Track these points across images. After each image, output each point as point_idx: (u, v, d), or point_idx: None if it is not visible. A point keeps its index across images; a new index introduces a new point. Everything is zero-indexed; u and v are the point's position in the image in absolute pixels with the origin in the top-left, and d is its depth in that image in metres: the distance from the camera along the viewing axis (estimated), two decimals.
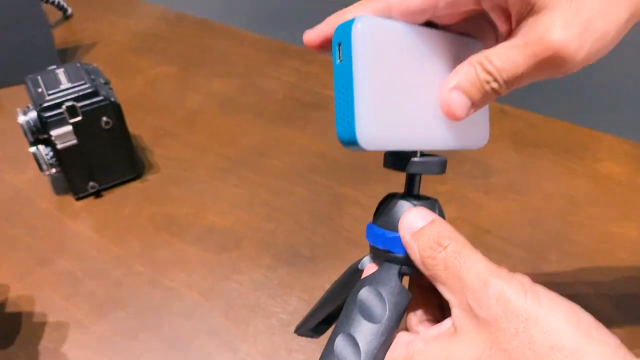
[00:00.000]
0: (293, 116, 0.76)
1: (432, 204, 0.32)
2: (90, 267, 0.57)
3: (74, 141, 0.59)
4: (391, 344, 0.30)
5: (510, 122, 0.72)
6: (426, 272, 0.29)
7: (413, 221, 0.30)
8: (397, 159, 0.31)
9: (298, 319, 0.43)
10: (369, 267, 0.33)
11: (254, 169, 0.68)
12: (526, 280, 0.27)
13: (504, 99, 0.31)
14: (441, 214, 0.32)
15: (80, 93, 0.59)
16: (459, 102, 0.29)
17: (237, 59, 0.90)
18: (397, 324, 0.31)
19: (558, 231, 0.58)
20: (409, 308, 0.32)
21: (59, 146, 0.59)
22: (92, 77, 0.62)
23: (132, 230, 0.60)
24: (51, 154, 0.60)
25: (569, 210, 0.60)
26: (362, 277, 0.33)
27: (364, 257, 0.35)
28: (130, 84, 0.85)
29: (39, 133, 0.59)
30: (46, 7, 0.99)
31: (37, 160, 0.60)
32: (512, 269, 0.28)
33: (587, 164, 0.66)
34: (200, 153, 0.71)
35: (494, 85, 0.29)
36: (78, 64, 0.63)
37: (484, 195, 0.62)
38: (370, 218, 0.33)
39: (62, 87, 0.59)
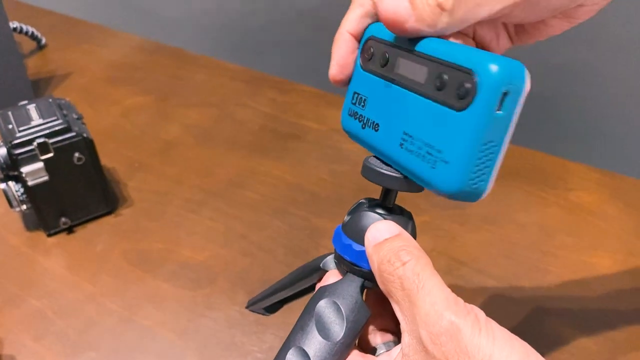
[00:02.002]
0: (270, 147, 0.76)
1: (405, 220, 0.31)
2: (62, 305, 0.56)
3: (45, 178, 0.58)
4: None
5: None
6: (382, 287, 0.28)
7: (378, 233, 0.29)
8: (373, 173, 0.30)
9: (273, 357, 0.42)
10: (331, 274, 0.33)
11: (229, 202, 0.67)
12: (482, 316, 0.26)
13: None
14: (413, 231, 0.31)
15: (52, 129, 0.58)
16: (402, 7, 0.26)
17: (213, 89, 0.90)
18: (353, 341, 0.30)
19: (532, 262, 0.58)
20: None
21: (29, 183, 0.58)
22: (65, 112, 0.62)
23: (104, 267, 0.59)
24: (22, 190, 0.59)
25: (543, 241, 0.61)
26: (322, 284, 0.32)
27: (329, 256, 0.34)
28: (105, 115, 0.84)
29: (9, 169, 0.58)
30: (19, 37, 0.99)
31: (7, 197, 0.59)
32: (487, 300, 0.28)
33: (559, 194, 0.67)
34: (175, 185, 0.70)
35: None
36: (50, 99, 0.63)
37: (459, 226, 0.63)
38: None
39: (34, 123, 0.58)
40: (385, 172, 0.29)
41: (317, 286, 0.33)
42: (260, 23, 1.14)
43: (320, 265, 0.34)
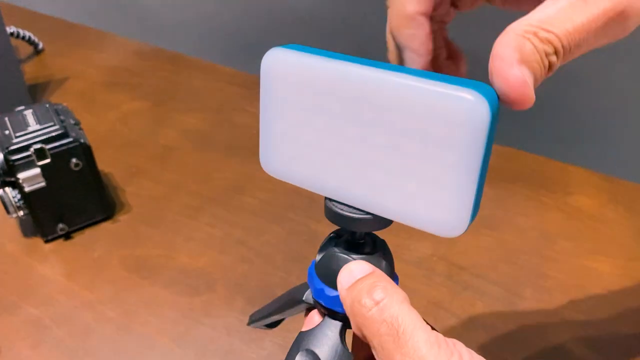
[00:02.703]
0: None
1: (377, 257, 0.28)
2: (59, 313, 0.55)
3: (42, 184, 0.58)
4: None
5: None
6: (356, 332, 0.26)
7: (349, 276, 0.27)
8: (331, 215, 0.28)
9: None
10: (311, 315, 0.31)
11: (227, 207, 0.67)
12: (465, 353, 0.24)
13: None
14: (389, 263, 0.29)
15: (49, 135, 0.58)
16: (529, 81, 0.23)
17: (211, 93, 0.90)
18: None
19: (532, 267, 0.58)
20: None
21: (26, 189, 0.57)
22: (62, 117, 0.61)
23: (102, 274, 0.59)
24: (19, 196, 0.59)
25: (543, 245, 0.61)
26: (304, 329, 0.31)
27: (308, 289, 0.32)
28: (102, 120, 0.84)
29: (6, 175, 0.57)
30: (16, 42, 0.98)
31: (3, 203, 0.58)
32: (487, 306, 0.27)
33: (559, 198, 0.67)
34: (172, 191, 0.70)
35: (553, 58, 0.23)
36: (47, 105, 0.62)
37: None
38: None
39: (30, 129, 0.58)
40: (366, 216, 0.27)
41: (303, 326, 0.31)
42: (258, 27, 1.14)
43: (303, 299, 0.32)
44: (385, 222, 0.27)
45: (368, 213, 0.27)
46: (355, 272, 0.27)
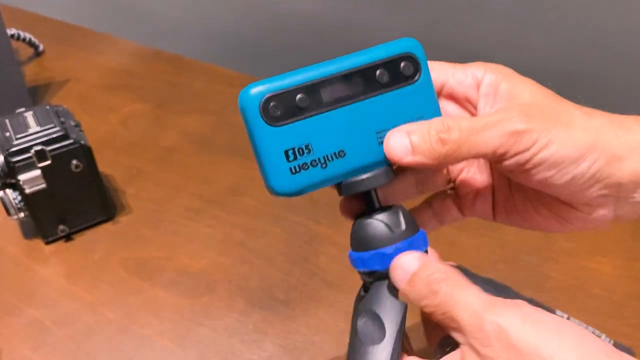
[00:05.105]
0: None
1: (394, 211, 0.32)
2: (60, 315, 0.55)
3: (43, 185, 0.58)
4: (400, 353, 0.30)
5: None
6: (428, 317, 0.30)
7: (403, 272, 0.30)
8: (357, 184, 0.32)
9: None
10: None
11: (228, 209, 0.67)
12: (527, 309, 0.27)
13: None
14: (408, 218, 0.32)
15: (50, 137, 0.58)
16: (400, 144, 0.30)
17: (211, 95, 0.90)
18: (401, 335, 0.31)
19: (532, 267, 0.58)
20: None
21: (27, 191, 0.58)
22: (62, 119, 0.61)
23: (103, 276, 0.59)
24: (19, 198, 0.59)
25: (543, 246, 0.61)
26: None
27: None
28: (103, 122, 0.84)
29: (7, 177, 0.58)
30: (17, 44, 0.98)
31: (4, 204, 0.58)
32: None
33: None
34: (173, 193, 0.70)
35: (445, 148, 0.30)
36: (47, 107, 0.62)
37: (458, 231, 0.62)
38: (345, 257, 0.34)
39: (31, 130, 0.58)
40: (370, 174, 0.31)
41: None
42: (258, 29, 1.15)
43: (361, 293, 0.34)
44: (388, 174, 0.32)
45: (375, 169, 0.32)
46: (407, 264, 0.30)
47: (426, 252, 0.33)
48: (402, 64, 0.32)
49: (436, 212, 0.38)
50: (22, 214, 0.59)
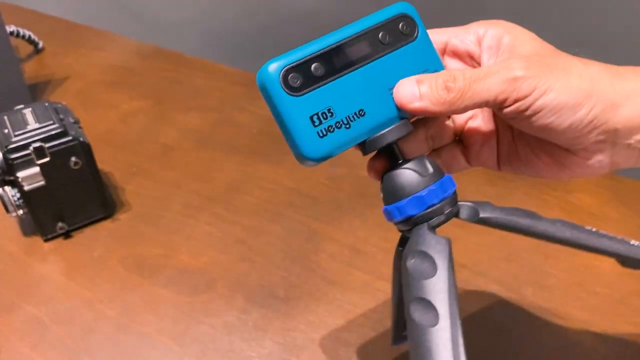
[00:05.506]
0: (268, 151, 0.76)
1: (420, 159, 0.34)
2: (58, 312, 0.55)
3: (42, 182, 0.58)
4: (456, 291, 0.31)
5: None
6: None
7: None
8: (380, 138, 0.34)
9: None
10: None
11: (228, 207, 0.67)
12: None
13: None
14: (433, 163, 0.34)
15: (49, 133, 0.58)
16: (409, 91, 0.33)
17: (211, 93, 0.89)
18: (452, 266, 0.31)
19: (533, 265, 0.58)
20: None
21: (26, 188, 0.57)
22: (61, 116, 0.61)
23: (102, 273, 0.59)
24: (18, 195, 0.58)
25: (544, 243, 0.60)
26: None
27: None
28: (102, 119, 0.84)
29: (5, 174, 0.57)
30: (16, 41, 0.98)
31: (2, 202, 0.58)
32: (488, 304, 0.28)
33: (560, 196, 0.66)
34: (173, 190, 0.70)
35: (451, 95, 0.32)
36: (46, 103, 0.62)
37: (459, 229, 0.62)
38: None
39: (30, 127, 0.58)
40: (390, 128, 0.34)
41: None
42: (259, 26, 1.14)
43: (398, 247, 0.37)
44: (406, 125, 0.35)
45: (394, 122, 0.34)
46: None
47: (455, 192, 0.35)
48: (401, 24, 0.34)
49: (445, 162, 0.39)
50: (20, 212, 0.59)
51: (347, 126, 0.33)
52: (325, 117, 0.32)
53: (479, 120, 0.39)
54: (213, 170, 0.73)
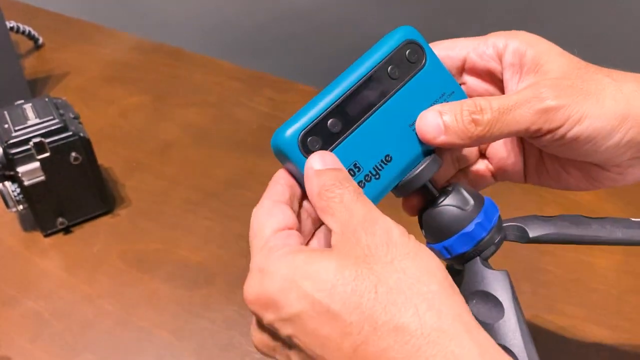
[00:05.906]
0: (268, 146, 0.75)
1: (457, 191, 0.32)
2: (58, 307, 0.55)
3: (42, 177, 0.58)
4: (526, 326, 0.30)
5: None
6: (318, 204, 0.29)
7: (315, 163, 0.29)
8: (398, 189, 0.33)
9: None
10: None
11: (227, 202, 0.67)
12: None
13: None
14: (471, 191, 0.32)
15: (49, 129, 0.58)
16: (433, 122, 0.31)
17: (211, 88, 0.90)
18: (516, 298, 0.31)
19: (530, 261, 0.58)
20: None
21: (26, 183, 0.58)
22: (61, 111, 0.61)
23: (102, 268, 0.59)
24: (18, 190, 0.59)
25: None
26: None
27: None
28: (102, 114, 0.84)
29: (5, 169, 0.58)
30: (16, 37, 0.98)
31: (3, 197, 0.58)
32: None
33: (558, 192, 0.66)
34: (172, 185, 0.70)
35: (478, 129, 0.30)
36: (47, 99, 0.62)
37: None
38: None
39: (30, 122, 0.58)
40: (421, 167, 0.32)
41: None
42: (258, 22, 1.14)
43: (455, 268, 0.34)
44: (436, 160, 0.33)
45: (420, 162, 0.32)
46: (318, 160, 0.29)
47: (499, 217, 0.34)
48: (407, 53, 0.32)
49: (471, 181, 0.38)
50: (21, 207, 0.59)
51: (377, 177, 0.31)
52: (353, 174, 0.30)
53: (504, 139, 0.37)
54: (213, 165, 0.73)
